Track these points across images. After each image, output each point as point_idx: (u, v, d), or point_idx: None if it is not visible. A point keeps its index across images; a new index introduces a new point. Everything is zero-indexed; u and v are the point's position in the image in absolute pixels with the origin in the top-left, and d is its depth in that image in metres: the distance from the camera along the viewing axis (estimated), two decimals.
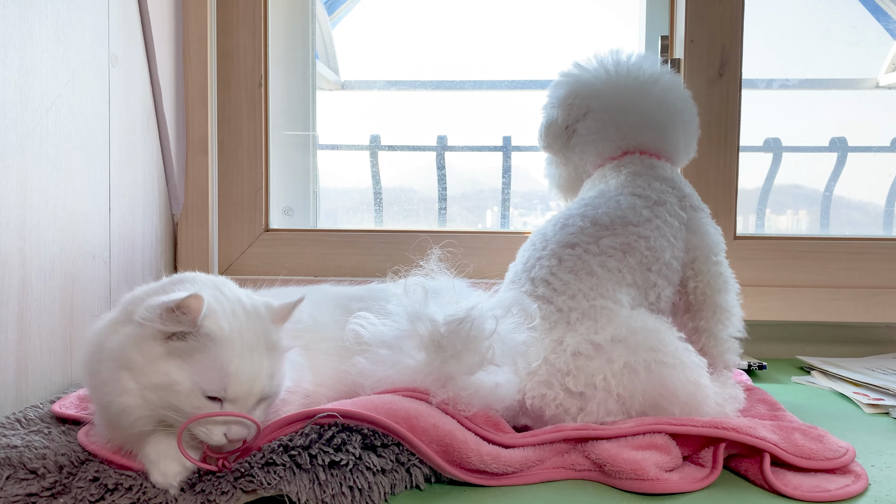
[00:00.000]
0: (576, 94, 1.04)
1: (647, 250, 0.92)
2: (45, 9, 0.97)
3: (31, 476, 0.69)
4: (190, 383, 0.68)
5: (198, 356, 0.68)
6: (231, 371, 0.68)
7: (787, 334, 1.37)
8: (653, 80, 1.02)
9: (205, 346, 0.68)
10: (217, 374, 0.68)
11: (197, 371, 0.68)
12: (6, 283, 0.90)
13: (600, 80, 1.03)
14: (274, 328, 0.74)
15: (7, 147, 0.90)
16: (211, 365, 0.68)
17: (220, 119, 1.42)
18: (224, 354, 0.68)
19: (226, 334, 0.69)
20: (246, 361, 0.69)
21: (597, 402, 0.82)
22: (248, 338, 0.70)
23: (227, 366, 0.68)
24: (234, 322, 0.71)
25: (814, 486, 0.71)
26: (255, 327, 0.72)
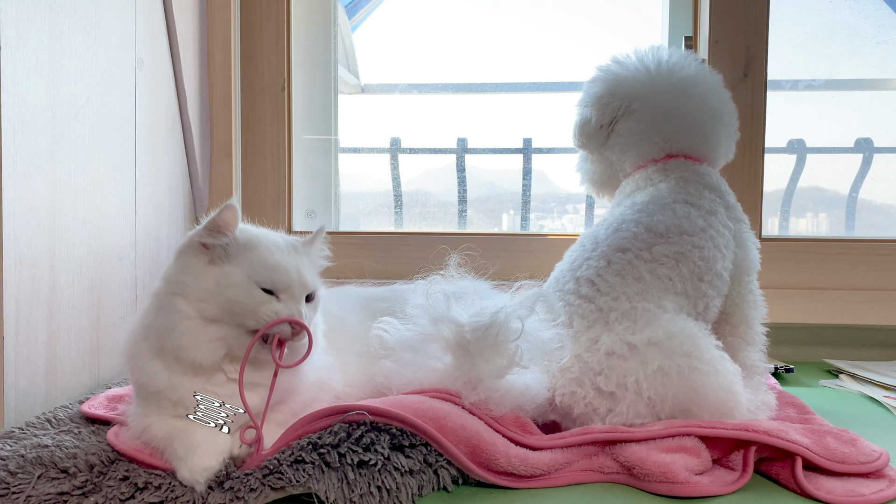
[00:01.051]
0: (612, 92, 1.02)
1: (700, 260, 0.90)
2: (74, 14, 0.98)
3: (62, 475, 0.70)
4: (244, 277, 0.74)
5: (242, 258, 0.75)
6: (274, 263, 0.75)
7: (814, 337, 1.36)
8: (695, 81, 1.00)
9: (245, 251, 0.76)
10: (264, 269, 0.75)
11: (245, 268, 0.75)
12: (36, 284, 0.91)
13: (640, 80, 1.01)
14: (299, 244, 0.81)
15: (38, 151, 0.91)
16: (256, 262, 0.75)
17: (244, 123, 1.43)
18: (265, 253, 0.76)
19: (260, 240, 0.77)
20: (285, 257, 0.77)
21: (627, 404, 0.81)
22: (280, 244, 0.78)
23: (270, 260, 0.75)
24: (266, 234, 0.79)
25: (847, 491, 0.70)
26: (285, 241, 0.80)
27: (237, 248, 0.76)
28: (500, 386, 0.79)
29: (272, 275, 0.75)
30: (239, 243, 0.76)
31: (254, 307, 0.73)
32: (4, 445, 0.76)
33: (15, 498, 0.66)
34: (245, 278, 0.74)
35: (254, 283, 0.74)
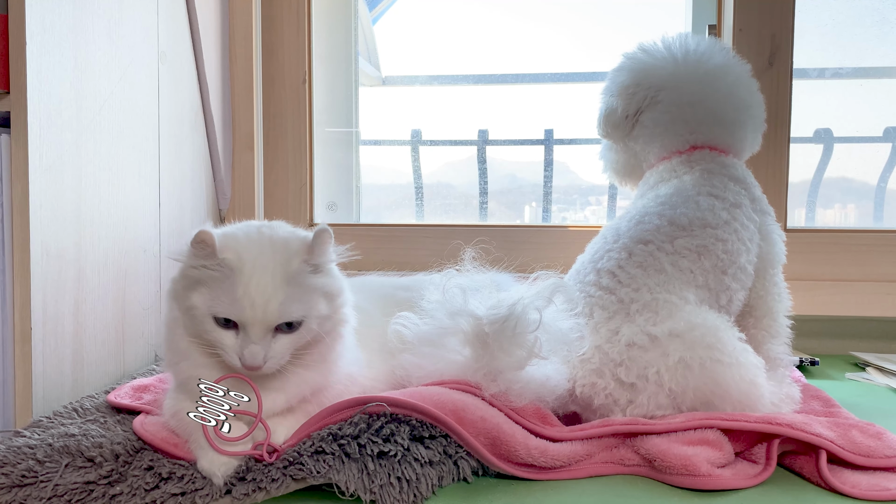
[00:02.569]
0: (638, 82, 1.00)
1: (723, 253, 0.89)
2: (97, 9, 0.99)
3: (88, 464, 0.71)
4: (204, 308, 0.72)
5: (215, 284, 0.72)
6: (238, 295, 0.71)
7: (840, 329, 1.34)
8: (722, 72, 0.98)
9: (223, 275, 0.72)
10: (228, 299, 0.71)
11: (213, 296, 0.72)
12: (63, 276, 0.93)
13: (667, 70, 0.99)
14: (299, 261, 0.74)
15: (63, 144, 0.93)
16: (225, 290, 0.72)
17: (266, 115, 1.44)
18: (236, 281, 0.71)
19: (238, 263, 0.72)
20: (255, 288, 0.71)
21: (647, 395, 0.81)
22: (263, 266, 0.72)
23: (236, 291, 0.71)
24: (251, 253, 0.73)
25: (873, 485, 0.69)
26: (275, 258, 0.73)
27: (217, 273, 0.73)
28: (520, 377, 0.79)
29: (233, 305, 0.71)
30: (222, 265, 0.72)
31: (214, 342, 0.73)
32: (32, 434, 0.77)
33: (43, 486, 0.67)
34: (205, 309, 0.72)
35: (210, 316, 0.72)
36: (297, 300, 0.73)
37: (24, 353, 0.88)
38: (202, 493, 0.67)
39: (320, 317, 0.75)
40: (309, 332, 0.75)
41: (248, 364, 0.71)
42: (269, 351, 0.72)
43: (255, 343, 0.71)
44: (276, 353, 0.73)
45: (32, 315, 0.87)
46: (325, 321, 0.76)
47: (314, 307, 0.75)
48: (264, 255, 0.73)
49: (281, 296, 0.72)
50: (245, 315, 0.71)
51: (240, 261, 0.72)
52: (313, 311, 0.74)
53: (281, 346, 0.73)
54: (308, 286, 0.75)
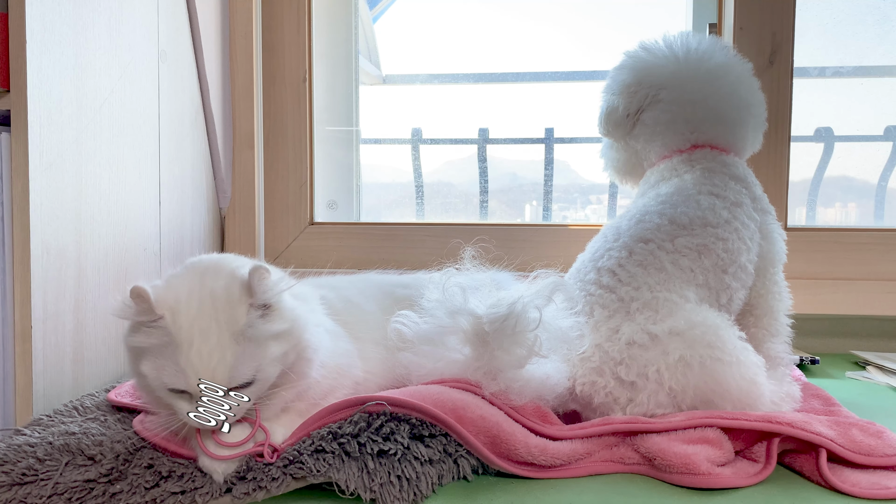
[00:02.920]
0: (640, 81, 1.00)
1: (724, 252, 0.89)
2: (98, 7, 0.99)
3: (88, 462, 0.71)
4: (153, 378, 0.69)
5: (159, 352, 0.69)
6: (181, 366, 0.68)
7: (841, 328, 1.34)
8: (724, 71, 0.98)
9: (164, 342, 0.69)
10: (173, 369, 0.68)
11: (159, 366, 0.69)
12: (63, 274, 0.93)
13: (669, 69, 0.99)
14: (245, 309, 0.70)
15: (63, 142, 0.93)
16: (169, 359, 0.68)
17: (266, 114, 1.44)
18: (177, 349, 0.68)
19: (176, 328, 0.68)
20: (196, 357, 0.67)
21: (647, 394, 0.81)
22: (204, 330, 0.68)
23: (178, 359, 0.68)
24: (190, 313, 0.69)
25: (873, 484, 0.69)
26: (217, 316, 0.69)
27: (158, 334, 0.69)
28: (521, 376, 0.79)
29: (178, 379, 0.68)
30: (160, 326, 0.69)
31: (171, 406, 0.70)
32: (33, 433, 0.77)
33: (43, 484, 0.68)
34: (156, 380, 0.69)
35: (163, 387, 0.69)
36: (248, 357, 0.69)
37: (24, 351, 0.88)
38: (202, 492, 0.67)
39: (276, 359, 0.71)
40: (268, 380, 0.72)
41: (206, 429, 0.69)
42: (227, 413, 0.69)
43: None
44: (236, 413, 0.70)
45: (33, 313, 0.88)
46: (283, 359, 0.72)
47: (267, 355, 0.71)
48: (204, 314, 0.69)
49: (229, 359, 0.68)
50: (191, 385, 0.68)
51: (176, 324, 0.68)
52: (267, 360, 0.71)
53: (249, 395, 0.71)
54: (259, 337, 0.70)
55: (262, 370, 0.70)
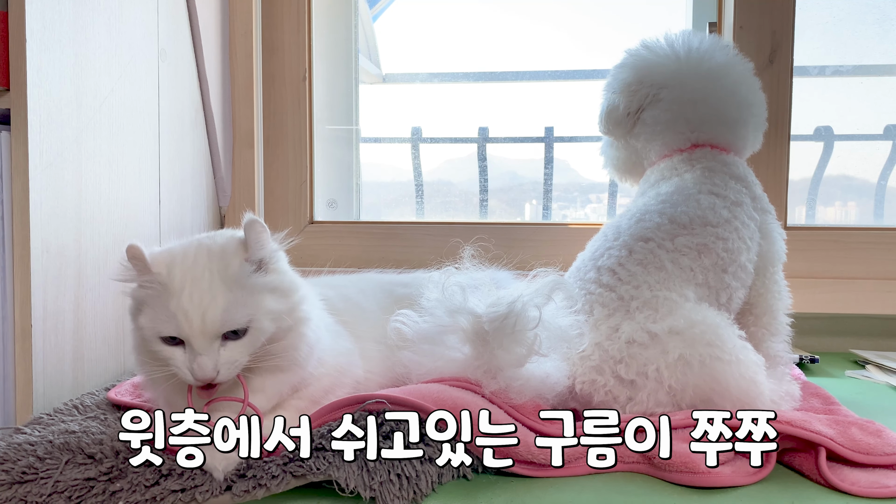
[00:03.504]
0: (641, 80, 1.00)
1: (723, 252, 0.89)
2: (97, 6, 0.99)
3: (88, 461, 0.71)
4: (149, 328, 0.72)
5: (154, 302, 0.71)
6: (173, 310, 0.70)
7: (841, 327, 1.34)
8: (725, 71, 0.98)
9: (158, 292, 0.71)
10: (166, 315, 0.70)
11: (154, 315, 0.71)
12: (63, 273, 0.93)
13: (670, 68, 0.99)
14: (239, 262, 0.72)
15: (64, 141, 0.93)
16: (162, 307, 0.71)
17: (266, 113, 1.44)
18: (171, 296, 0.70)
19: (169, 278, 0.71)
20: (187, 300, 0.70)
21: (647, 392, 0.81)
22: (196, 277, 0.71)
23: (169, 305, 0.70)
24: (184, 265, 0.72)
25: (872, 482, 0.69)
26: (210, 266, 0.72)
27: (155, 290, 0.71)
28: (520, 375, 0.79)
29: (170, 325, 0.70)
30: (156, 282, 0.71)
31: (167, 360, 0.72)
32: (33, 431, 0.78)
33: (43, 483, 0.68)
34: (151, 328, 0.71)
35: (156, 337, 0.71)
36: (240, 304, 0.71)
37: (24, 350, 0.88)
38: (202, 490, 0.67)
39: (271, 313, 0.73)
40: (262, 332, 0.73)
41: (199, 377, 0.70)
42: (218, 360, 0.70)
43: (202, 354, 0.70)
44: (228, 361, 0.71)
45: (33, 312, 0.88)
46: (278, 318, 0.73)
47: (262, 306, 0.72)
48: (198, 265, 0.71)
49: (221, 302, 0.70)
50: (182, 329, 0.70)
51: (170, 275, 0.71)
52: (261, 311, 0.72)
53: (232, 353, 0.71)
54: (253, 286, 0.72)
55: (257, 320, 0.72)
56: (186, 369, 0.71)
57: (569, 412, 0.73)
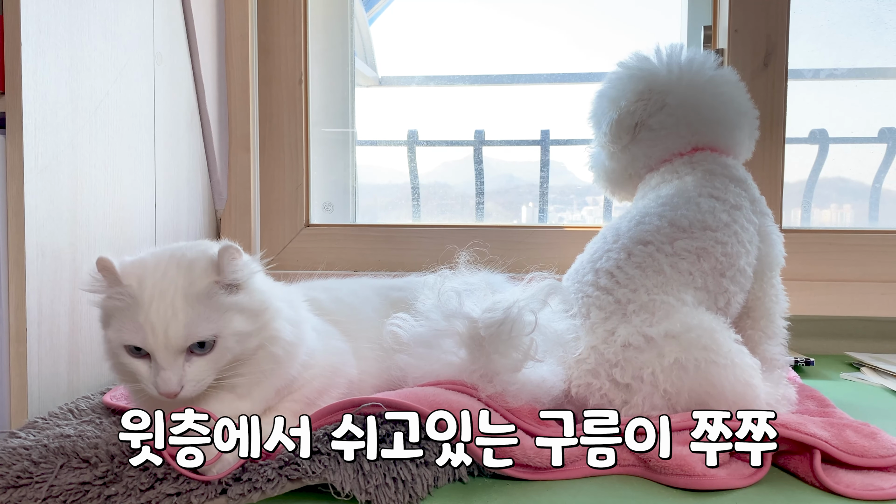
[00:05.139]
0: (651, 88, 1.02)
1: (722, 256, 0.90)
2: (93, 9, 0.99)
3: (83, 465, 0.71)
4: (115, 339, 0.71)
5: (121, 314, 0.71)
6: (140, 322, 0.69)
7: (836, 329, 1.34)
8: (723, 79, 1.02)
9: (127, 304, 0.71)
10: (132, 326, 0.70)
11: (120, 326, 0.71)
12: (58, 276, 0.93)
13: (674, 76, 1.02)
14: (208, 282, 0.71)
15: (59, 144, 0.93)
16: (129, 318, 0.70)
17: (262, 116, 1.44)
18: (140, 308, 0.70)
19: (139, 290, 0.70)
20: (155, 312, 0.69)
21: (642, 396, 0.81)
22: (164, 290, 0.70)
23: (137, 317, 0.70)
24: (153, 278, 0.71)
25: (867, 485, 0.69)
26: (178, 281, 0.71)
27: (124, 301, 0.71)
28: (517, 379, 0.79)
29: (136, 337, 0.70)
30: (126, 294, 0.71)
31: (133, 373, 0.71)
32: (28, 435, 0.77)
33: (38, 487, 0.67)
34: (116, 340, 0.71)
35: (122, 348, 0.71)
36: (204, 319, 0.70)
37: (19, 353, 0.88)
38: (197, 493, 0.67)
39: (238, 334, 0.72)
40: (228, 350, 0.72)
41: (162, 391, 0.69)
42: (183, 376, 0.70)
43: (166, 369, 0.69)
44: (193, 377, 0.70)
45: (28, 316, 0.87)
46: (245, 338, 0.72)
47: (228, 325, 0.71)
48: (166, 279, 0.71)
49: (182, 317, 0.69)
50: (148, 340, 0.69)
51: (140, 287, 0.71)
52: (227, 329, 0.71)
53: (197, 368, 0.71)
54: (220, 304, 0.71)
55: (223, 338, 0.71)
56: (151, 383, 0.70)
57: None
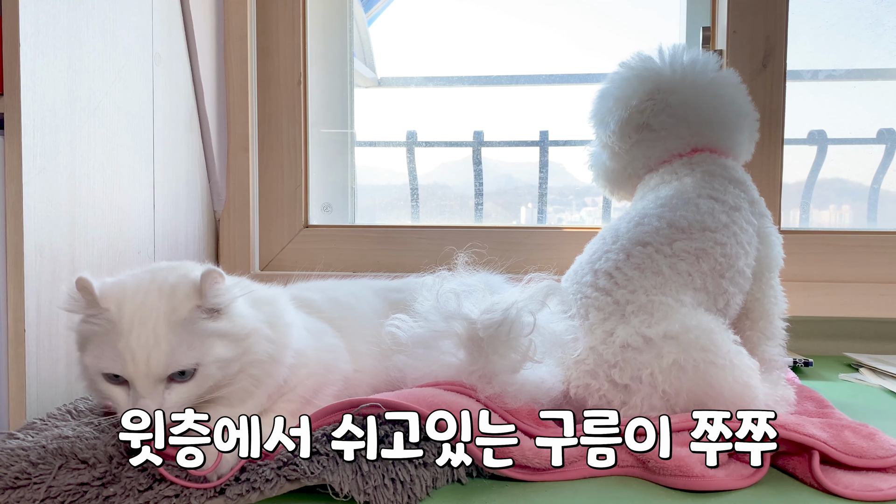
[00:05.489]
0: (658, 87, 1.02)
1: (721, 257, 0.90)
2: (91, 10, 0.99)
3: (82, 466, 0.71)
4: (93, 366, 0.70)
5: (100, 339, 0.70)
6: (120, 349, 0.68)
7: (834, 330, 1.34)
8: (724, 81, 1.02)
9: (106, 329, 0.69)
10: (111, 353, 0.68)
11: (99, 353, 0.69)
12: (57, 277, 0.92)
13: (677, 75, 1.02)
14: (190, 307, 0.70)
15: (57, 145, 0.92)
16: (109, 345, 0.69)
17: (261, 117, 1.44)
18: (119, 335, 0.68)
19: (118, 316, 0.69)
20: (135, 340, 0.68)
21: (641, 397, 0.81)
22: (144, 317, 0.69)
23: (116, 344, 0.68)
24: (133, 303, 0.69)
25: (865, 485, 0.70)
26: (159, 307, 0.69)
27: (102, 326, 0.70)
28: (515, 380, 0.79)
29: (115, 364, 0.68)
30: (103, 318, 0.69)
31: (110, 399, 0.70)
32: (26, 436, 0.77)
33: (36, 488, 0.67)
34: (94, 367, 0.70)
35: (99, 374, 0.70)
36: (186, 347, 0.69)
37: (17, 354, 0.87)
38: (196, 493, 0.67)
39: (220, 360, 0.71)
40: (209, 377, 0.70)
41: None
42: (162, 403, 0.68)
43: (145, 397, 0.68)
44: (173, 404, 0.69)
45: (26, 316, 0.87)
46: (227, 365, 0.71)
47: (209, 352, 0.70)
48: (147, 305, 0.69)
49: (164, 345, 0.68)
50: (128, 369, 0.68)
51: (120, 312, 0.69)
52: (209, 357, 0.70)
53: (177, 395, 0.69)
54: (202, 331, 0.70)
55: (204, 366, 0.70)
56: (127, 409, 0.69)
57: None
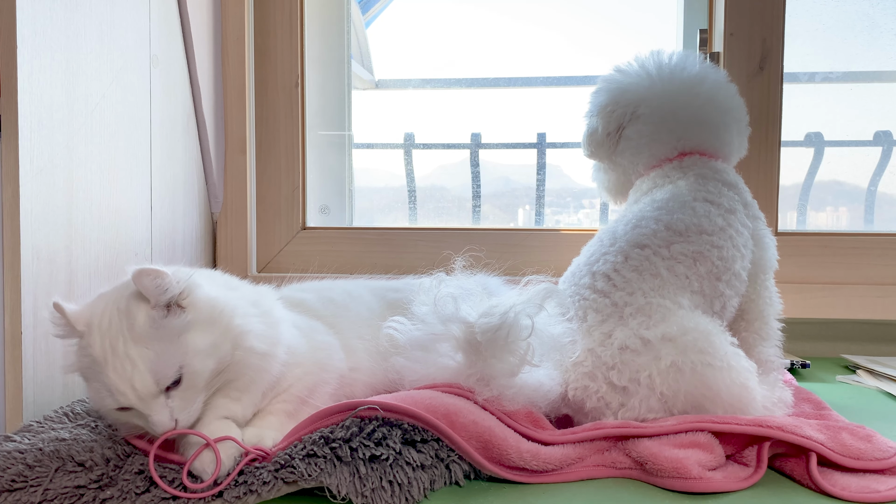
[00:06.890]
0: (616, 101, 1.03)
1: (718, 260, 0.90)
2: (89, 12, 0.99)
3: (79, 468, 0.70)
4: (96, 401, 0.71)
5: (93, 377, 0.70)
6: (110, 387, 0.68)
7: (831, 332, 1.34)
8: (699, 80, 1.01)
9: (90, 364, 0.70)
10: (104, 389, 0.69)
11: (97, 390, 0.70)
12: (54, 279, 0.92)
13: (643, 85, 1.02)
14: (145, 314, 0.69)
15: (54, 147, 0.92)
16: (98, 382, 0.70)
17: (258, 119, 1.44)
18: (99, 368, 0.69)
19: (92, 347, 0.69)
20: (114, 374, 0.68)
21: (639, 399, 0.81)
22: (113, 345, 0.68)
23: (103, 379, 0.69)
24: (101, 330, 0.69)
25: (863, 487, 0.70)
26: (121, 327, 0.69)
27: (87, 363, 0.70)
28: (513, 383, 0.79)
29: (111, 399, 0.69)
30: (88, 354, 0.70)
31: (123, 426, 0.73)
32: (23, 439, 0.77)
33: (33, 491, 0.67)
34: (100, 403, 0.71)
35: (107, 409, 0.71)
36: (164, 355, 0.68)
37: (14, 357, 0.87)
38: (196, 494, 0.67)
39: (202, 351, 0.70)
40: (200, 373, 0.70)
41: (160, 432, 0.69)
42: (172, 411, 0.69)
43: (152, 414, 0.69)
44: (182, 408, 0.70)
45: (23, 319, 0.87)
46: (213, 350, 0.71)
47: (187, 349, 0.69)
48: (112, 329, 0.69)
49: (141, 366, 0.67)
50: (121, 401, 0.69)
51: (93, 344, 0.69)
52: (188, 355, 0.69)
53: (181, 399, 0.70)
54: (171, 332, 0.69)
55: (189, 365, 0.69)
56: (149, 429, 0.71)
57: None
